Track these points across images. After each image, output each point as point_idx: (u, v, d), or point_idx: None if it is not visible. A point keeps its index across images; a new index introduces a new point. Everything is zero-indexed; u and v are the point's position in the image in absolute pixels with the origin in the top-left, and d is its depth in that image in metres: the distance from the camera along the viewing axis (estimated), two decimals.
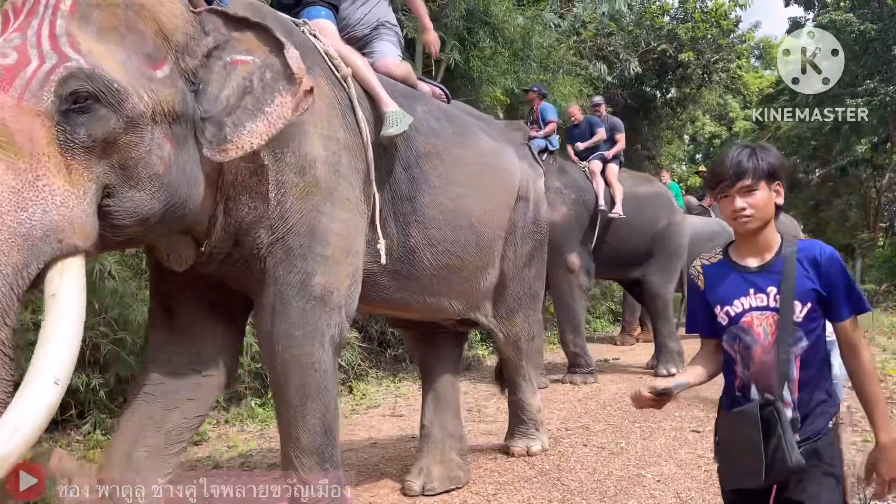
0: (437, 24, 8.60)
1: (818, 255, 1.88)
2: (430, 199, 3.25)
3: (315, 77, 2.66)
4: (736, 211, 1.89)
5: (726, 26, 14.25)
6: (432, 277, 3.37)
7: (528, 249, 4.14)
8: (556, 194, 7.30)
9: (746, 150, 1.91)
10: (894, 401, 6.07)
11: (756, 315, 1.91)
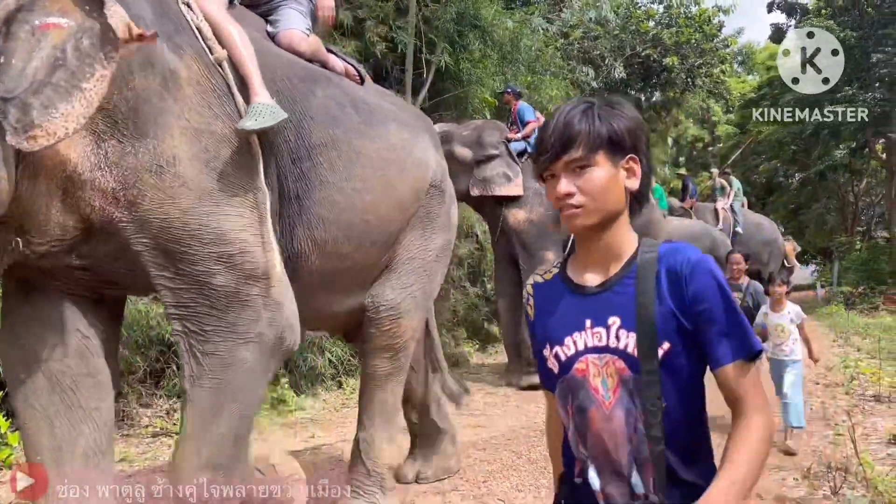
0: (429, 26, 8.78)
1: (680, 267, 1.27)
2: (320, 197, 2.84)
3: (185, 59, 2.34)
4: (560, 197, 1.30)
5: (709, 31, 14.51)
6: (323, 281, 3.02)
7: (438, 243, 3.64)
8: (534, 195, 7.41)
9: (581, 106, 1.32)
10: (866, 397, 6.28)
11: (593, 360, 1.30)
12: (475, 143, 7.35)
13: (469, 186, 7.30)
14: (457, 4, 8.96)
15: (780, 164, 24.47)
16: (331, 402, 6.63)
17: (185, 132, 2.29)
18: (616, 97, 1.47)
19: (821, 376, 7.45)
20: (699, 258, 1.29)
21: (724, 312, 1.25)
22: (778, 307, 4.87)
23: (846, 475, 3.89)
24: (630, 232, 1.39)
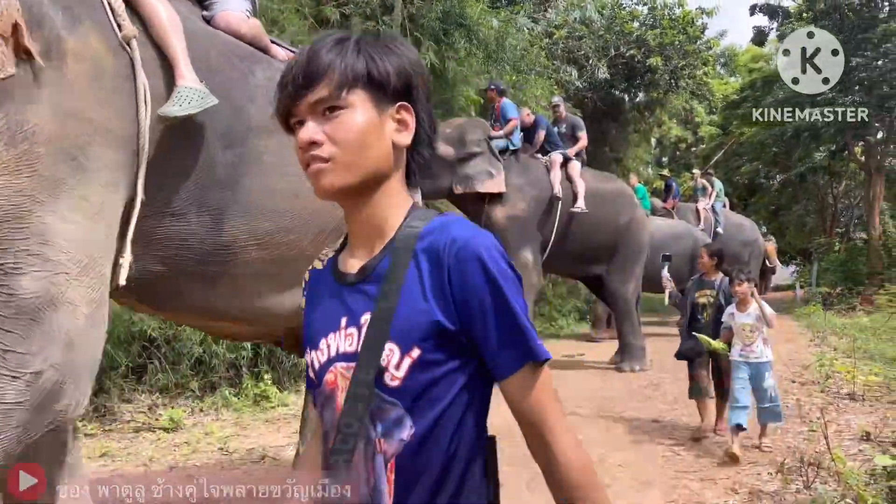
0: (414, 24, 8.80)
1: (442, 249, 0.99)
2: (259, 184, 2.61)
3: (79, 31, 2.07)
4: (303, 147, 1.01)
5: (693, 33, 14.64)
6: (259, 275, 2.74)
7: None
8: (516, 191, 7.48)
9: (336, 36, 1.04)
10: (841, 395, 6.40)
11: (341, 370, 1.03)
12: (458, 140, 7.37)
13: (452, 184, 7.33)
14: (442, 3, 8.99)
15: (762, 166, 24.76)
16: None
17: (56, 111, 1.99)
18: (391, 33, 1.21)
19: (797, 375, 7.58)
20: (467, 238, 0.99)
21: (494, 311, 0.97)
22: (744, 306, 4.66)
23: (819, 470, 3.98)
24: (403, 202, 1.07)
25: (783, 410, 4.93)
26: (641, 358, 8.15)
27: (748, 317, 4.61)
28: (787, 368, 8.02)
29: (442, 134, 7.41)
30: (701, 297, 5.13)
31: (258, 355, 6.73)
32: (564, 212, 7.73)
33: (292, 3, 7.58)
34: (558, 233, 7.72)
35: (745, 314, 4.63)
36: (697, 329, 5.01)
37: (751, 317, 4.59)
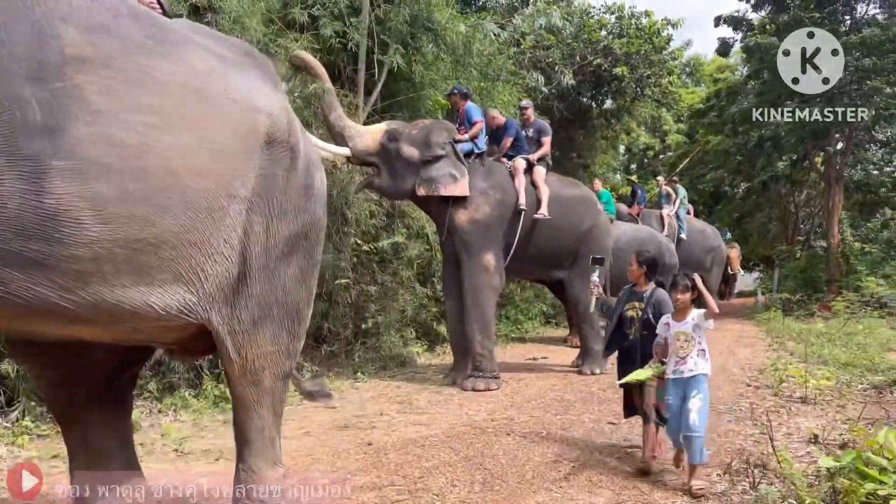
0: (382, 27, 8.83)
1: None
2: (89, 132, 2.08)
3: None
4: None
5: (658, 43, 14.88)
6: (103, 259, 2.17)
7: (290, 230, 2.84)
8: (481, 195, 7.50)
9: None
10: (793, 399, 6.55)
11: None
12: (422, 142, 7.38)
13: (415, 186, 7.35)
14: (410, 7, 9.02)
15: (726, 174, 25.18)
16: None
17: None
18: None
19: (753, 379, 7.74)
20: None
21: None
22: (681, 316, 4.12)
23: (765, 471, 4.09)
24: None
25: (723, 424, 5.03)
26: (601, 361, 8.25)
27: (685, 325, 4.09)
28: (743, 372, 8.20)
29: (407, 135, 7.42)
30: (629, 309, 4.55)
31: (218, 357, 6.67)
32: (528, 217, 7.78)
33: (258, 4, 7.55)
34: (521, 237, 7.77)
35: (683, 322, 4.10)
36: (623, 342, 4.56)
37: (688, 325, 4.07)
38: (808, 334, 11.12)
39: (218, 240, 2.53)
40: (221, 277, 2.62)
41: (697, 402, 3.96)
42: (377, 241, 8.80)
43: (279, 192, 2.77)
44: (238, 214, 2.61)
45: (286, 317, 2.95)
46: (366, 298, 8.79)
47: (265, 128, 2.71)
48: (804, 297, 17.87)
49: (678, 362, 4.07)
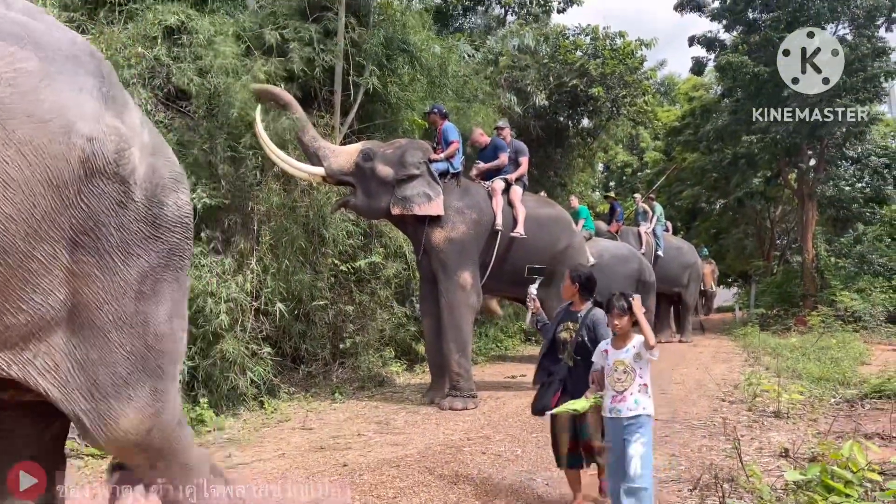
0: (357, 49, 8.90)
1: None
2: None
3: None
4: None
5: (633, 64, 15.12)
6: None
7: (143, 266, 2.44)
8: (457, 214, 7.55)
9: None
10: (767, 413, 6.63)
11: None
12: (397, 162, 7.42)
13: (390, 205, 7.39)
14: (385, 29, 9.11)
15: (703, 191, 25.52)
16: (251, 421, 6.60)
17: None
18: None
19: (728, 394, 7.83)
20: None
21: None
22: (621, 343, 3.56)
23: (736, 486, 4.14)
24: None
25: None
26: None
27: (625, 353, 3.52)
28: (718, 387, 8.28)
29: (382, 155, 7.46)
30: (563, 330, 4.02)
31: (195, 378, 6.66)
32: (504, 236, 7.84)
33: (230, 25, 7.59)
34: (498, 256, 7.82)
35: (623, 350, 3.54)
36: (553, 367, 4.02)
37: (628, 353, 3.51)
38: (782, 349, 11.27)
39: (16, 286, 2.10)
40: (32, 327, 2.17)
41: (639, 447, 3.38)
42: (355, 261, 8.82)
43: (113, 227, 2.33)
44: (50, 257, 2.17)
45: (161, 365, 2.52)
46: (344, 318, 8.80)
47: (81, 156, 2.20)
48: (780, 311, 18.12)
49: (615, 398, 3.49)
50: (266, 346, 7.29)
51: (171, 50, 7.36)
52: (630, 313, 3.52)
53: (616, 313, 3.53)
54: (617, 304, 3.53)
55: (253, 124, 7.16)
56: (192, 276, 6.73)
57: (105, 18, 7.48)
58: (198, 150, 7.31)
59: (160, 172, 2.58)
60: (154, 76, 7.31)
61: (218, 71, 7.17)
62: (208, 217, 7.35)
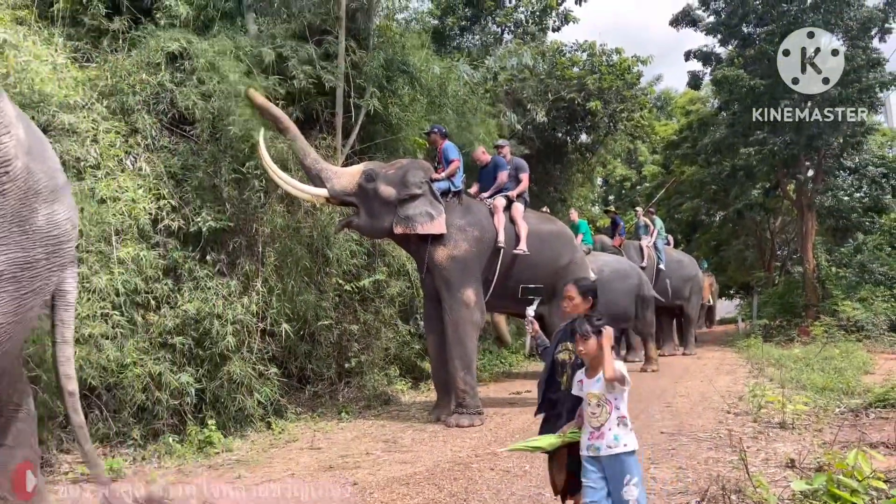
0: (358, 71, 9.03)
1: None
2: None
3: None
4: None
5: (630, 79, 15.29)
6: None
7: None
8: (459, 232, 7.62)
9: None
10: (772, 424, 6.66)
11: None
12: (399, 182, 7.50)
13: (393, 224, 7.48)
14: (385, 51, 9.25)
15: (703, 203, 25.63)
16: (259, 442, 6.63)
17: None
18: None
19: (733, 406, 7.85)
20: None
21: None
22: (593, 372, 3.21)
23: (743, 497, 4.18)
24: None
25: None
26: None
27: (597, 383, 3.17)
28: (723, 399, 8.31)
29: (384, 175, 7.54)
30: (562, 351, 3.49)
31: (202, 401, 6.71)
32: (507, 253, 7.89)
33: (229, 45, 7.71)
34: (500, 273, 7.88)
35: (595, 380, 3.19)
36: (554, 394, 3.52)
37: (600, 384, 3.15)
38: (786, 360, 11.29)
39: None
40: None
41: (632, 489, 3.05)
42: (359, 280, 8.89)
43: None
44: None
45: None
46: (349, 337, 8.85)
47: None
48: (783, 322, 18.14)
49: (593, 434, 3.14)
50: (272, 366, 7.33)
51: (173, 75, 7.48)
52: (597, 336, 3.16)
53: (579, 338, 3.18)
54: (580, 328, 3.20)
55: (256, 147, 7.27)
56: (199, 299, 6.80)
57: (109, 47, 7.61)
58: (202, 174, 7.40)
59: (36, 177, 2.44)
60: (158, 102, 7.42)
61: (220, 94, 7.29)
62: (213, 240, 7.43)
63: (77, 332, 5.76)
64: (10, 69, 5.25)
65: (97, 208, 6.29)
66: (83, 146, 6.38)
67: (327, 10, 8.92)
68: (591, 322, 3.22)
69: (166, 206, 7.02)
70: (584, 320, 3.25)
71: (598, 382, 3.16)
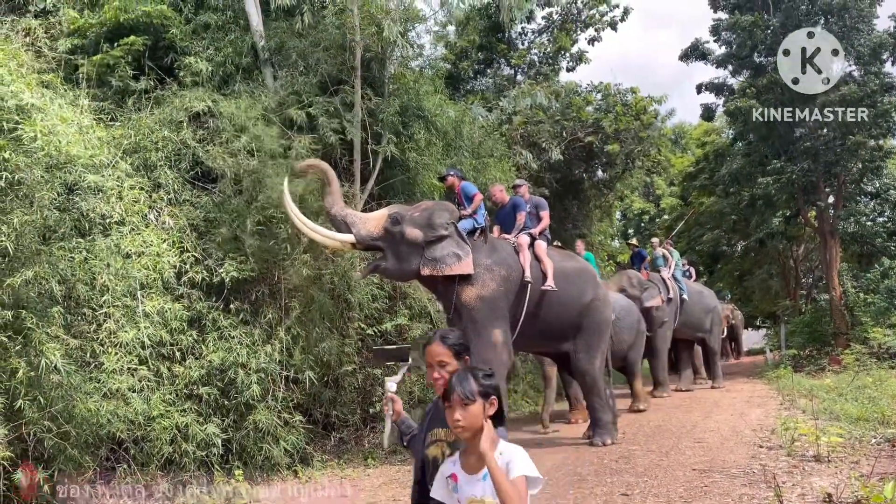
0: (374, 119, 9.20)
1: None
2: None
3: None
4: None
5: (646, 120, 15.38)
6: None
7: None
8: (486, 271, 7.57)
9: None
10: (807, 458, 6.52)
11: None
12: (425, 224, 7.47)
13: (420, 266, 7.43)
14: (400, 97, 9.42)
15: (723, 234, 25.47)
16: (286, 491, 6.60)
17: None
18: None
19: (765, 439, 7.70)
20: None
21: None
22: (478, 463, 2.11)
23: None
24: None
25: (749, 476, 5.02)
26: (612, 431, 8.21)
27: (477, 482, 2.12)
28: (755, 433, 8.15)
29: (410, 218, 7.49)
30: (433, 444, 2.40)
31: (229, 451, 6.71)
32: (534, 290, 7.84)
33: (257, 111, 7.92)
34: (528, 311, 7.81)
35: (477, 477, 2.12)
36: None
37: (485, 483, 2.08)
38: (818, 390, 11.07)
39: None
40: None
41: None
42: (381, 324, 8.89)
43: None
44: None
45: None
46: (372, 382, 8.82)
47: None
48: (813, 351, 17.81)
49: None
50: (297, 414, 7.33)
51: (196, 133, 7.68)
52: (485, 401, 2.11)
53: (457, 400, 2.09)
54: (459, 386, 2.10)
55: (281, 197, 7.30)
56: (223, 348, 6.87)
57: (133, 105, 7.84)
58: (225, 228, 7.50)
59: None
60: (180, 158, 7.61)
61: (247, 152, 7.49)
62: (236, 289, 7.51)
63: (104, 387, 5.85)
64: (37, 132, 5.41)
65: (123, 263, 6.41)
66: (108, 203, 6.53)
67: (343, 60, 9.13)
68: (478, 377, 2.14)
69: (189, 258, 7.14)
70: (466, 374, 2.16)
71: (477, 481, 2.11)
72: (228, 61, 8.54)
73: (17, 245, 5.26)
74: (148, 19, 8.46)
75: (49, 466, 5.43)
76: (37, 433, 5.35)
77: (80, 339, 5.99)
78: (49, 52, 7.88)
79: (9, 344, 5.18)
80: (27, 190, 5.38)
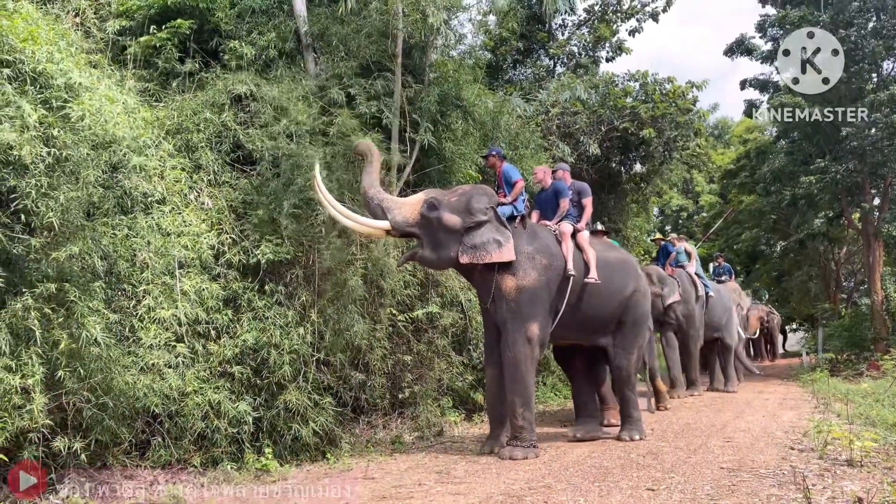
0: (413, 106, 9.24)
1: None
2: None
3: None
4: None
5: (683, 105, 15.12)
6: None
7: None
8: (527, 259, 7.33)
9: None
10: (839, 462, 6.42)
11: None
12: (464, 209, 7.27)
13: (458, 254, 7.24)
14: (440, 87, 9.43)
15: (762, 233, 25.01)
16: (314, 472, 6.71)
17: None
18: None
19: (797, 442, 7.59)
20: None
21: None
22: None
23: None
24: None
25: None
26: (640, 427, 8.16)
27: None
28: (786, 435, 8.04)
29: (447, 203, 7.31)
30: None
31: (260, 430, 6.85)
32: (577, 281, 7.62)
33: (298, 91, 8.01)
34: (569, 303, 7.61)
35: None
36: None
37: None
38: (854, 395, 10.85)
39: None
40: None
41: None
42: (412, 311, 8.95)
43: None
44: None
45: None
46: (402, 368, 8.90)
47: None
48: (851, 356, 17.44)
49: None
50: (327, 396, 7.44)
51: (237, 115, 7.80)
52: None
53: None
54: None
55: (313, 180, 7.30)
56: (257, 329, 6.99)
57: (177, 87, 7.99)
58: (263, 211, 7.60)
59: None
60: (221, 140, 7.74)
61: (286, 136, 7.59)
62: (271, 271, 7.62)
63: (141, 361, 6.01)
64: (84, 111, 5.55)
65: (163, 242, 6.56)
66: (150, 182, 6.68)
67: (384, 47, 9.18)
68: None
69: (227, 239, 7.26)
70: None
71: None
72: (272, 45, 8.64)
73: (62, 220, 5.42)
74: (194, 3, 8.59)
75: (87, 436, 5.62)
76: (76, 403, 5.54)
77: (120, 313, 6.15)
78: (97, 33, 8.07)
79: (52, 316, 5.36)
80: (73, 167, 5.53)
